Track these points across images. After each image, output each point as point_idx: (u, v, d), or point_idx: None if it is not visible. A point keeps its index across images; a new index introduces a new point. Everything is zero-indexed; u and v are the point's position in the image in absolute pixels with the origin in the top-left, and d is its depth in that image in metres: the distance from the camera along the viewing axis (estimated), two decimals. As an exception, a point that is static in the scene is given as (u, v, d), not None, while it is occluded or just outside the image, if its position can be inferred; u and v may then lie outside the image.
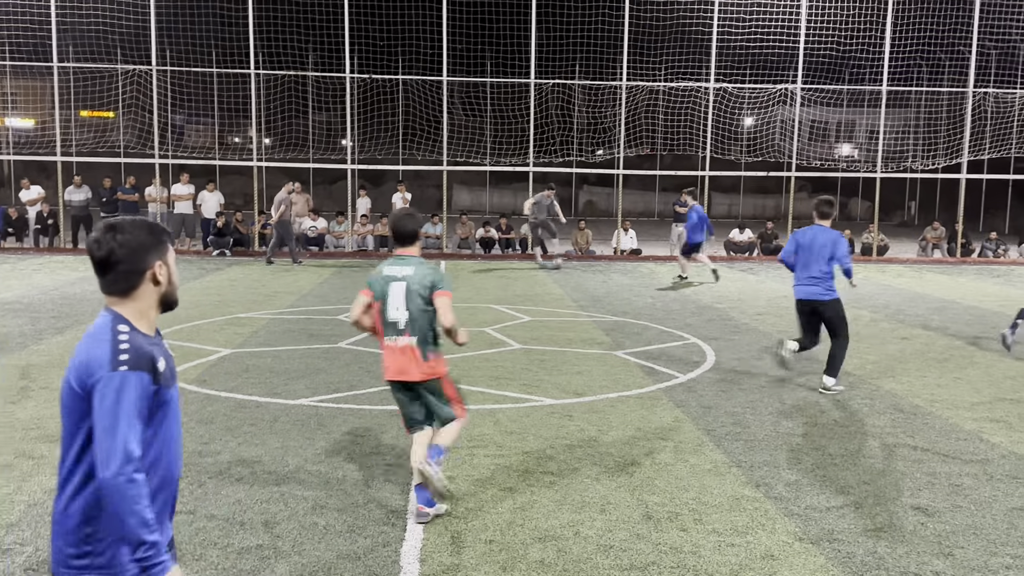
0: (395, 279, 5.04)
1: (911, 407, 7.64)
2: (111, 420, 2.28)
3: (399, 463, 5.87)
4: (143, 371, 2.35)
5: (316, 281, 16.02)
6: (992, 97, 23.15)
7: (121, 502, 2.25)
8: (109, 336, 2.36)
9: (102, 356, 2.33)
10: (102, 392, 2.29)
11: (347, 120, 21.72)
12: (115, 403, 2.28)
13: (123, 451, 2.26)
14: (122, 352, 2.33)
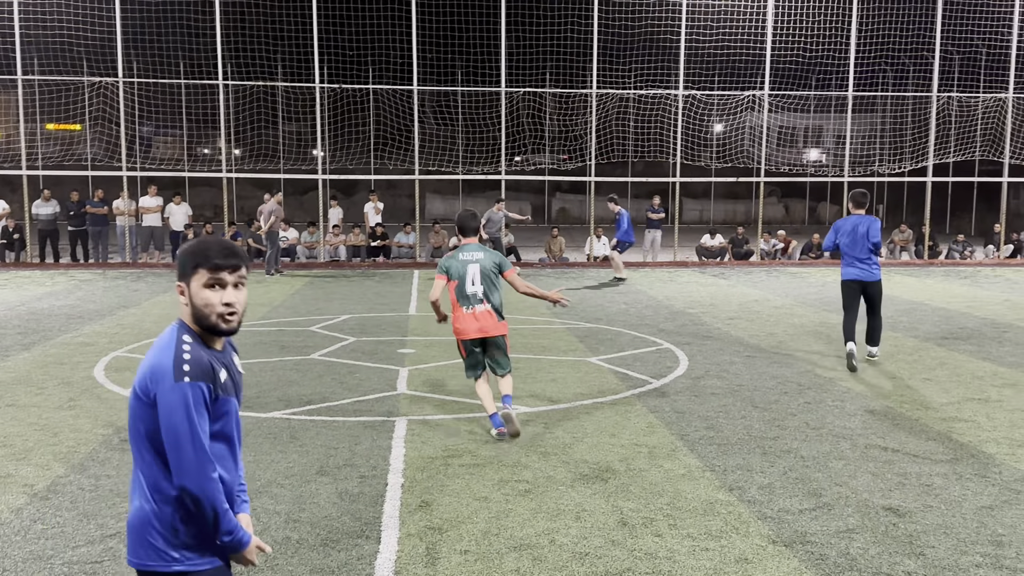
0: (470, 262, 6.73)
1: (882, 408, 7.73)
2: (180, 429, 2.43)
3: (372, 475, 5.84)
4: (203, 382, 2.49)
5: (288, 292, 15.91)
6: (956, 101, 23.55)
7: (204, 502, 2.46)
8: (173, 346, 2.51)
9: (166, 365, 2.47)
10: (167, 401, 2.44)
11: (318, 130, 21.63)
12: (182, 413, 2.43)
13: (195, 456, 2.44)
14: (184, 363, 2.47)
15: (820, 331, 11.89)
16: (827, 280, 18.70)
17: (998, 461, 6.19)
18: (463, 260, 6.75)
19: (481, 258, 6.76)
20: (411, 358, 9.76)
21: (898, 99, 24.79)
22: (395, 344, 10.62)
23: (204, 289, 2.56)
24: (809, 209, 43.59)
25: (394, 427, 6.98)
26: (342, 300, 14.88)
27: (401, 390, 8.24)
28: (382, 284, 17.57)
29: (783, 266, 22.01)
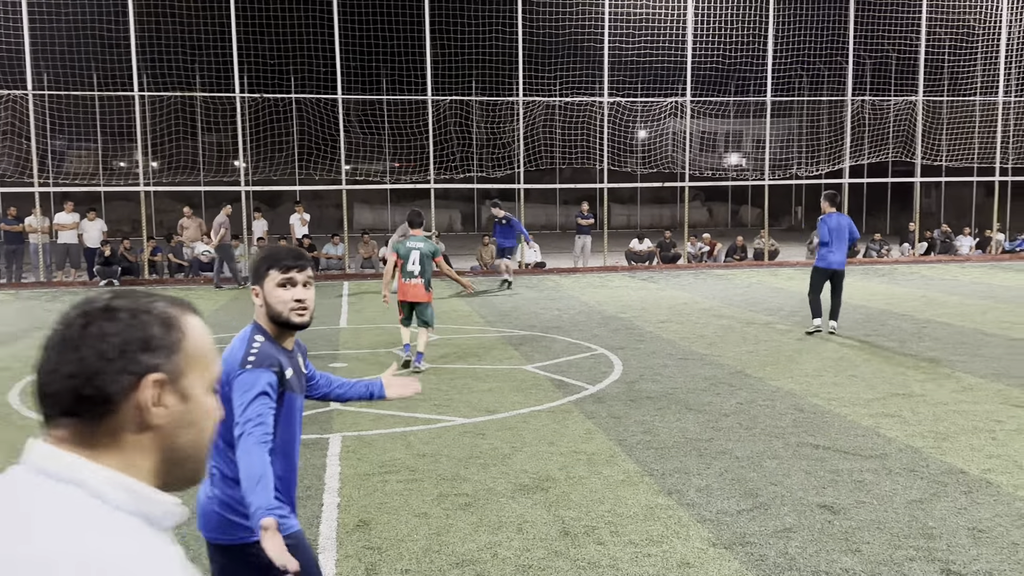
0: (414, 248, 9.55)
1: (810, 406, 7.88)
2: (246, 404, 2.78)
3: (307, 495, 5.67)
4: (267, 369, 2.82)
5: (212, 308, 15.49)
6: (869, 105, 24.37)
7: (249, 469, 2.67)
8: (245, 343, 2.89)
9: (237, 358, 2.84)
10: (238, 386, 2.80)
11: (240, 141, 21.16)
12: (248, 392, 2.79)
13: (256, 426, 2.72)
14: (251, 355, 2.84)
15: (747, 331, 12.11)
16: (752, 282, 19.12)
17: (925, 455, 6.37)
18: (409, 247, 9.59)
19: (421, 246, 9.60)
20: (344, 372, 9.57)
21: (813, 103, 25.53)
22: (326, 359, 10.42)
23: (277, 288, 2.91)
24: (732, 212, 44.58)
25: (328, 444, 6.82)
26: (270, 314, 14.53)
27: (334, 406, 8.06)
28: (311, 297, 17.23)
29: (709, 268, 22.41)
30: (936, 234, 25.53)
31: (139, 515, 1.12)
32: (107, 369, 1.13)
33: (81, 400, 1.13)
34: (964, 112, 24.75)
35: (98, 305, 1.18)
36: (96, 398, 1.13)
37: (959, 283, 18.19)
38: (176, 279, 20.55)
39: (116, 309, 1.18)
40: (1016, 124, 24.54)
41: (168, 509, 1.16)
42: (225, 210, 19.03)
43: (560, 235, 36.65)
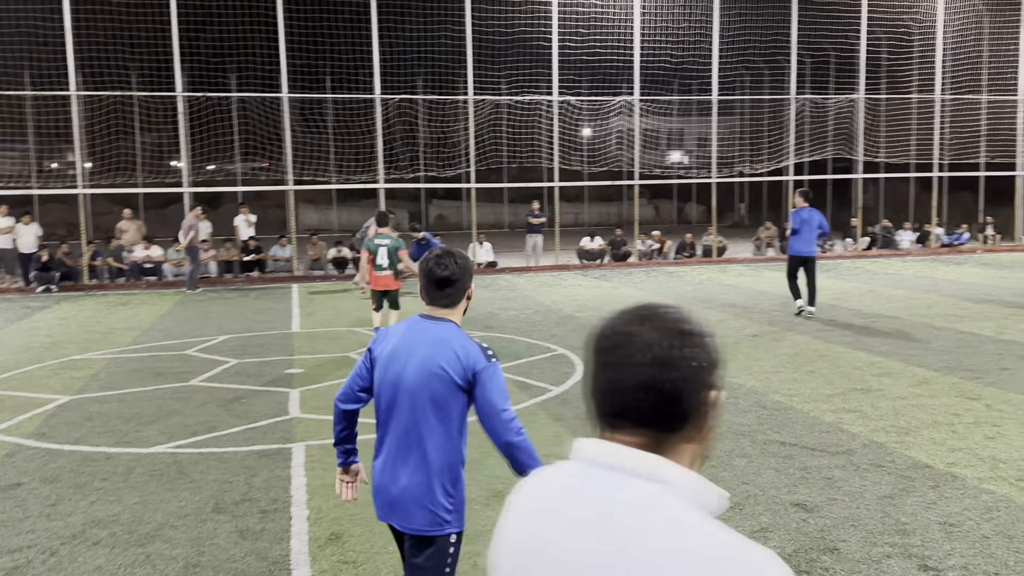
0: (381, 245, 10.73)
1: (773, 403, 7.95)
2: (505, 397, 3.07)
3: (274, 508, 5.51)
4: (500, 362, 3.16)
5: (157, 314, 15.06)
6: (811, 103, 24.83)
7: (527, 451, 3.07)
8: (465, 338, 3.11)
9: (476, 354, 3.06)
10: (492, 379, 3.05)
11: (181, 140, 20.62)
12: (503, 384, 3.07)
13: (513, 417, 3.06)
14: (488, 349, 3.12)
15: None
16: (702, 278, 19.31)
17: (889, 450, 6.45)
18: (377, 243, 10.79)
19: (388, 243, 10.76)
20: (301, 378, 9.37)
21: (756, 102, 25.91)
22: (281, 364, 10.18)
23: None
24: (677, 209, 45.03)
25: (291, 455, 6.63)
26: (218, 320, 14.20)
27: (294, 414, 7.87)
28: (260, 300, 16.90)
29: (660, 266, 22.59)
30: (877, 229, 26.13)
31: (705, 508, 1.27)
32: (693, 389, 1.30)
33: (663, 414, 1.30)
34: (902, 110, 25.38)
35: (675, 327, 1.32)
36: (678, 414, 1.30)
37: (903, 277, 18.63)
38: (117, 284, 19.95)
39: (692, 333, 1.32)
40: (952, 121, 25.26)
41: (722, 501, 1.32)
42: (195, 212, 18.56)
43: (509, 233, 36.62)
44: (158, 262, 20.63)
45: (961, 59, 24.94)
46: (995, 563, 4.50)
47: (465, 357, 3.04)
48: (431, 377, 3.04)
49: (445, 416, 3.06)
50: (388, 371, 3.14)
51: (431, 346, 3.08)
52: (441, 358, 3.04)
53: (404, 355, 3.12)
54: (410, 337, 3.15)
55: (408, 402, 3.08)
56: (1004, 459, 6.16)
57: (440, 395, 3.04)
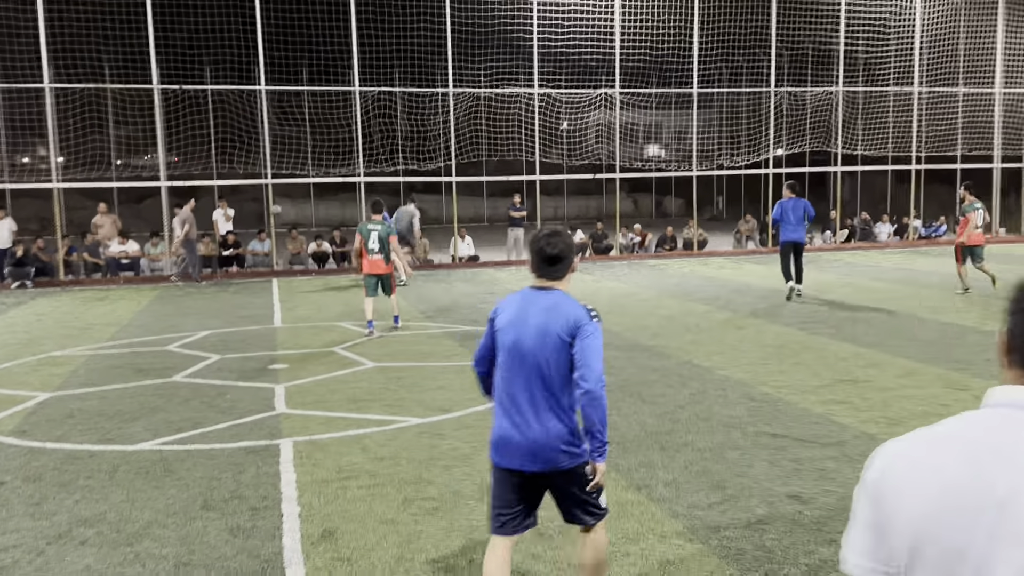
0: (373, 230, 11.45)
1: (761, 395, 7.95)
2: (599, 350, 3.53)
3: (264, 506, 5.41)
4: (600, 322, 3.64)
5: (135, 309, 14.85)
6: (790, 96, 24.93)
7: (602, 406, 3.50)
8: (573, 302, 3.60)
9: (580, 313, 3.55)
10: (592, 335, 3.52)
11: (158, 134, 20.33)
12: (600, 341, 3.54)
13: (601, 373, 3.51)
14: (591, 311, 3.59)
15: (688, 321, 12.20)
16: (684, 271, 19.35)
17: (880, 440, 6.44)
18: (369, 229, 11.53)
19: (379, 228, 11.52)
20: (285, 374, 9.25)
21: (734, 95, 25.97)
22: (265, 360, 10.06)
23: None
24: (656, 203, 45.13)
25: (279, 451, 6.53)
26: (198, 315, 14.02)
27: (280, 409, 7.76)
28: (240, 295, 16.71)
29: (641, 259, 22.61)
30: (856, 222, 26.31)
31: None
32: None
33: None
34: (879, 102, 25.56)
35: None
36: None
37: (882, 269, 18.76)
38: (93, 279, 19.65)
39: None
40: (929, 113, 25.47)
41: None
42: (189, 205, 18.55)
43: (489, 227, 36.52)
44: (135, 257, 20.35)
45: (938, 52, 25.14)
46: (993, 552, 4.50)
47: (573, 317, 3.55)
48: (547, 338, 3.54)
49: (560, 370, 3.56)
50: (509, 336, 3.63)
51: (545, 312, 3.58)
52: (554, 322, 3.55)
53: (522, 321, 3.61)
54: (526, 306, 3.66)
55: (528, 361, 3.57)
56: (995, 449, 6.19)
57: (554, 353, 3.54)
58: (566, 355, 3.53)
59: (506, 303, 3.76)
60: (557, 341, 3.52)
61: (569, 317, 3.54)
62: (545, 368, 3.55)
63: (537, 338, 3.55)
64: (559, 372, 3.55)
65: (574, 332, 3.51)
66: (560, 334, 3.52)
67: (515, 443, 3.59)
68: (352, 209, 32.28)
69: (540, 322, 3.57)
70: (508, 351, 3.63)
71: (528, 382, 3.58)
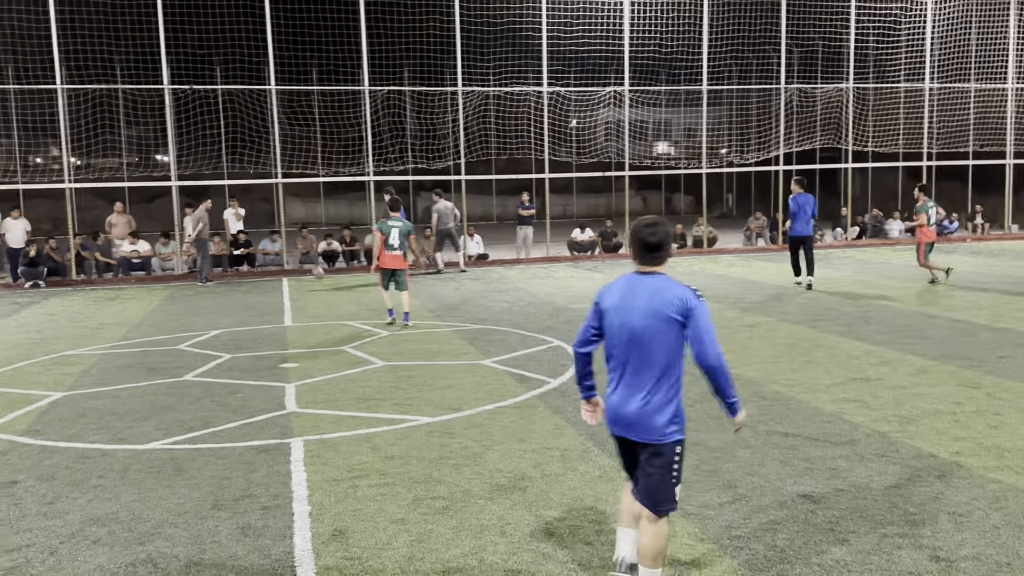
0: (394, 227, 11.95)
1: (772, 394, 7.91)
2: (711, 328, 3.84)
3: (275, 505, 5.42)
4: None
5: (147, 309, 14.91)
6: (800, 93, 24.82)
7: (726, 373, 3.89)
8: (677, 284, 3.89)
9: (687, 294, 3.85)
10: (702, 314, 3.83)
11: (169, 134, 20.41)
12: (710, 318, 3.87)
13: (717, 347, 3.84)
14: (696, 291, 3.90)
15: (699, 320, 12.15)
16: (694, 269, 19.30)
17: (893, 440, 6.43)
18: (390, 225, 12.01)
19: (400, 226, 12.04)
20: (296, 373, 9.27)
21: (743, 92, 25.87)
22: (275, 359, 10.08)
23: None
24: (665, 200, 45.01)
25: (290, 450, 6.55)
26: (209, 314, 14.07)
27: (291, 408, 7.78)
28: (250, 295, 16.76)
29: (650, 257, 22.53)
30: (867, 218, 26.18)
31: None
32: None
33: None
34: (890, 99, 25.42)
35: None
36: None
37: (893, 266, 18.67)
38: (105, 279, 19.75)
39: None
40: (940, 110, 25.31)
41: None
42: (205, 205, 18.64)
43: (498, 226, 36.52)
44: (146, 257, 20.44)
45: (949, 48, 24.98)
46: (1007, 553, 4.47)
47: (681, 298, 3.82)
48: (655, 318, 3.82)
49: (664, 347, 3.84)
50: (616, 318, 3.93)
51: (651, 294, 3.86)
52: (661, 302, 3.82)
53: (629, 304, 3.90)
54: (631, 289, 3.93)
55: (636, 340, 3.86)
56: (1009, 448, 6.15)
57: (662, 332, 3.82)
58: (673, 334, 3.83)
59: (611, 287, 4.06)
60: (665, 321, 3.82)
61: (676, 298, 3.83)
62: (650, 346, 3.84)
63: (645, 318, 3.84)
64: (663, 350, 3.84)
65: (684, 312, 3.82)
66: (669, 313, 3.82)
67: (618, 414, 3.97)
68: (361, 208, 32.32)
69: (647, 303, 3.86)
70: (616, 331, 3.94)
71: (633, 359, 3.89)
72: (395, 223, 12.01)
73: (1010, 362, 8.87)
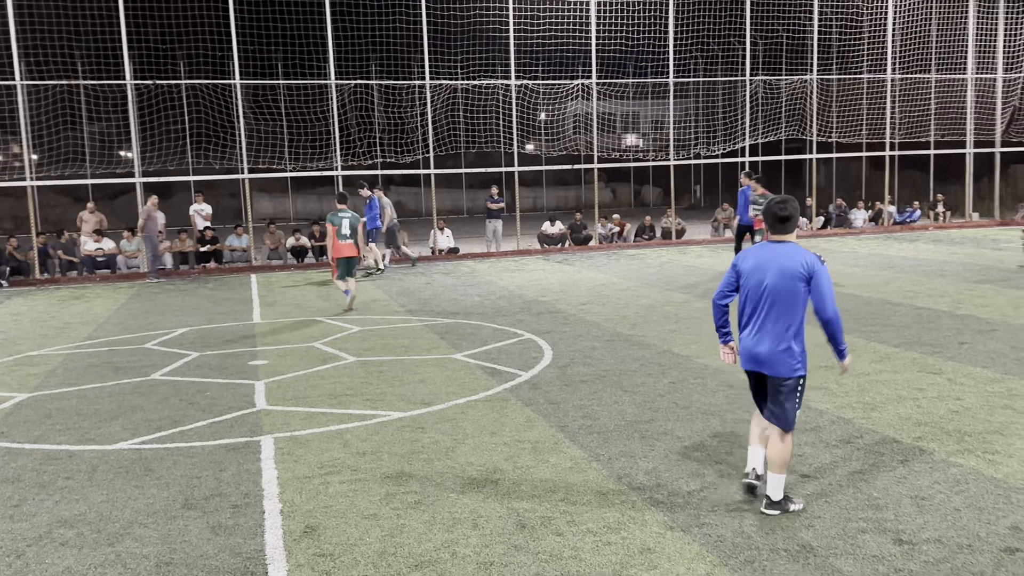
0: (344, 218, 12.91)
1: (740, 382, 7.99)
2: (830, 287, 4.80)
3: (246, 503, 5.41)
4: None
5: (113, 307, 14.73)
6: (765, 84, 25.05)
7: (839, 325, 4.86)
8: (804, 250, 4.85)
9: (812, 258, 4.81)
10: (823, 275, 4.80)
11: (132, 130, 20.13)
12: (829, 279, 4.82)
13: (835, 304, 4.81)
14: (819, 256, 4.85)
15: (668, 310, 12.27)
16: (663, 260, 19.44)
17: (857, 426, 6.55)
18: (341, 217, 12.97)
19: (349, 216, 13.04)
20: (265, 370, 9.22)
21: (710, 84, 26.06)
22: (245, 356, 10.01)
23: None
24: (634, 192, 45.26)
25: (260, 448, 6.52)
26: (176, 312, 13.93)
27: (260, 406, 7.74)
28: (218, 291, 16.61)
29: (621, 249, 22.68)
30: (831, 208, 26.51)
31: None
32: None
33: None
34: (853, 90, 25.74)
35: None
36: None
37: (858, 255, 18.93)
38: (69, 278, 19.46)
39: None
40: (902, 100, 25.68)
41: None
42: (152, 200, 18.67)
43: (468, 219, 36.51)
44: (111, 254, 20.17)
45: (911, 39, 25.34)
46: (967, 535, 4.58)
47: (807, 262, 4.79)
48: (788, 277, 4.80)
49: (793, 302, 4.82)
50: (754, 277, 4.93)
51: (784, 258, 4.83)
52: (792, 265, 4.79)
53: (766, 266, 4.88)
54: (767, 255, 4.92)
55: (770, 295, 4.85)
56: (969, 432, 6.29)
57: (792, 288, 4.80)
58: (800, 290, 4.79)
59: (748, 254, 5.05)
60: (794, 280, 4.78)
61: (804, 262, 4.78)
62: (781, 300, 4.82)
63: (779, 278, 4.80)
64: (791, 303, 4.81)
65: (809, 273, 4.76)
66: (798, 272, 4.77)
67: (753, 353, 4.94)
68: (330, 202, 32.12)
69: (781, 265, 4.81)
70: (753, 288, 4.92)
71: (767, 310, 4.87)
72: (344, 215, 12.95)
73: (970, 348, 9.05)
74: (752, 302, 4.93)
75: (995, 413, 6.76)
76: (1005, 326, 10.24)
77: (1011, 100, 26.24)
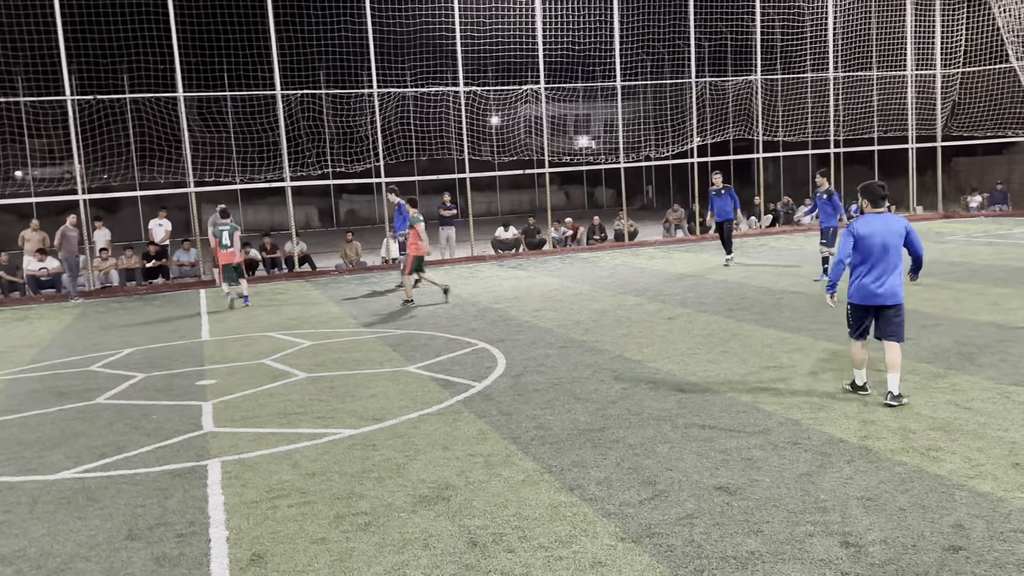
0: (224, 229, 15.06)
1: (690, 386, 8.07)
2: (918, 238, 7.15)
3: (191, 532, 5.29)
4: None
5: (57, 329, 14.38)
6: (710, 86, 25.33)
7: (922, 261, 7.43)
8: (899, 217, 7.12)
9: (906, 222, 7.08)
10: (914, 231, 7.12)
11: (74, 146, 19.68)
12: (917, 235, 7.17)
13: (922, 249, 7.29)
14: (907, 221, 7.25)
15: (620, 314, 12.33)
16: (616, 263, 19.54)
17: (804, 427, 6.62)
18: (221, 229, 15.01)
19: (228, 228, 15.08)
20: (213, 390, 9.06)
21: (657, 87, 26.29)
22: (192, 376, 9.83)
23: None
24: (588, 194, 45.47)
25: (207, 472, 6.39)
26: (121, 332, 13.64)
27: (208, 428, 7.60)
28: (165, 309, 16.31)
29: (574, 252, 22.75)
30: (779, 206, 26.89)
31: None
32: None
33: None
34: (797, 89, 26.16)
35: None
36: None
37: (805, 252, 19.22)
38: (12, 299, 18.96)
39: None
40: (845, 97, 26.16)
41: None
42: (70, 219, 18.36)
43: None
44: (56, 273, 19.69)
45: (851, 37, 25.83)
46: (912, 535, 4.65)
47: (904, 224, 7.02)
48: (894, 235, 6.95)
49: (899, 252, 6.96)
50: (876, 238, 6.94)
51: (891, 223, 6.99)
52: (896, 226, 6.98)
53: (879, 230, 6.96)
54: (879, 222, 6.99)
55: (884, 248, 6.93)
56: (914, 429, 6.40)
57: (896, 243, 6.95)
58: (901, 243, 6.97)
59: (861, 223, 7.01)
60: (898, 236, 6.96)
61: (902, 224, 7.01)
62: (893, 251, 6.93)
63: (889, 236, 6.93)
64: (896, 253, 6.94)
65: (907, 231, 7.02)
66: (899, 232, 6.97)
67: (873, 291, 7.01)
68: (281, 214, 31.78)
69: (890, 227, 6.97)
70: (873, 246, 6.94)
71: (882, 260, 6.95)
72: (224, 227, 15.06)
73: (914, 344, 9.22)
74: (875, 256, 6.91)
75: (939, 409, 6.89)
76: (948, 320, 10.46)
77: (950, 95, 26.88)
